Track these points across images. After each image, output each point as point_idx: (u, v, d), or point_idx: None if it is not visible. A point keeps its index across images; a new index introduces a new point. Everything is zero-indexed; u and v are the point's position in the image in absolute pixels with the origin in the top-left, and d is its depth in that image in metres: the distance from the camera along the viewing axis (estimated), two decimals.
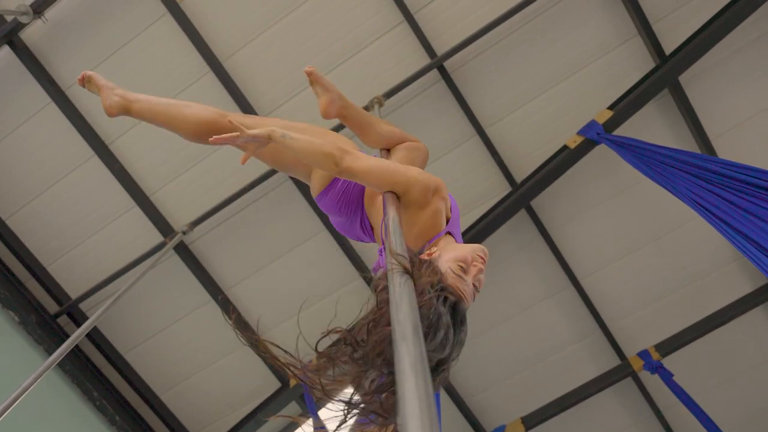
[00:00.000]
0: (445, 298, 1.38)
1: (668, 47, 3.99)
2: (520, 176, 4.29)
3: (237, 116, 2.06)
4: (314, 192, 2.02)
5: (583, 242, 4.44)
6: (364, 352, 1.28)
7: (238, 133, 1.68)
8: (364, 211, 1.93)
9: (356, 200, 1.93)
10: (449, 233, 1.67)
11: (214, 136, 1.72)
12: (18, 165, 4.33)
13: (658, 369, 4.22)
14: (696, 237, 4.34)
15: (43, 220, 4.43)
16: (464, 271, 1.49)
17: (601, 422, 4.84)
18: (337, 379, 1.33)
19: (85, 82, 2.22)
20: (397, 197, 1.62)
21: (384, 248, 1.66)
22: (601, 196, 4.34)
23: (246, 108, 4.14)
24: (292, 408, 4.80)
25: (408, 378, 0.73)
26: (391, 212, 1.50)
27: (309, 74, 2.15)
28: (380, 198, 1.78)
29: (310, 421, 1.87)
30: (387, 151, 2.20)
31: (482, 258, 1.54)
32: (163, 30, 4.08)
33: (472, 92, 4.16)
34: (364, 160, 1.64)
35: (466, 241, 4.22)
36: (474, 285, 1.50)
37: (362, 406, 1.28)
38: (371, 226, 1.92)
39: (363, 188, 1.93)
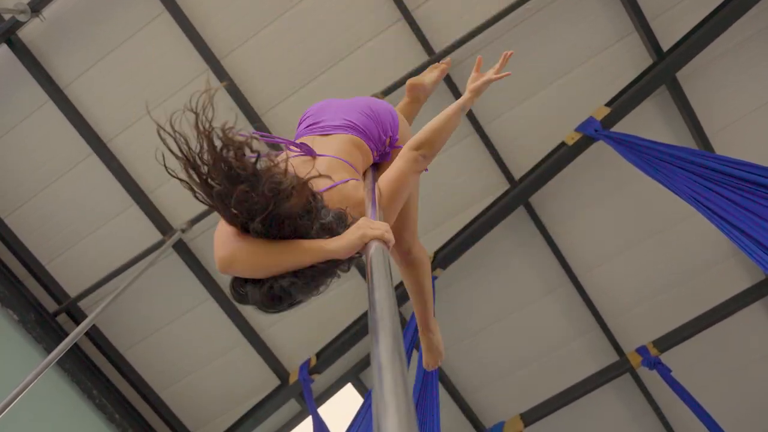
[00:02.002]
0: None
1: (666, 44, 3.99)
2: (518, 173, 4.29)
3: None
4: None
5: (581, 239, 4.45)
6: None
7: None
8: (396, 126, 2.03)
9: (361, 125, 1.87)
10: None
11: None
12: (16, 163, 4.33)
13: (656, 365, 4.24)
14: (694, 233, 4.35)
15: (41, 218, 4.43)
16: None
17: (599, 418, 4.85)
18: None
19: None
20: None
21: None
22: (599, 193, 4.35)
23: (244, 106, 4.14)
24: (292, 405, 4.81)
25: (385, 371, 0.72)
26: (370, 178, 1.61)
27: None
28: (342, 165, 1.70)
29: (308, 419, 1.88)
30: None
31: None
32: (161, 28, 4.07)
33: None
34: (417, 173, 1.69)
35: (465, 240, 4.23)
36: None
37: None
38: (386, 140, 1.97)
39: (364, 136, 1.86)
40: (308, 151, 1.65)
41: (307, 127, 1.89)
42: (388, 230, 1.32)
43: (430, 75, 2.46)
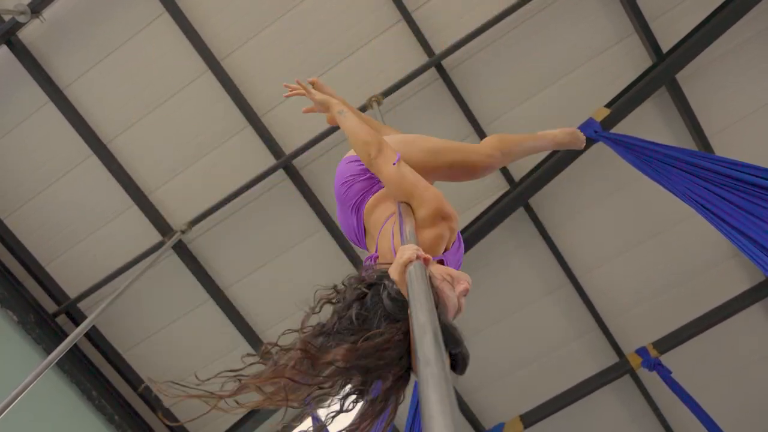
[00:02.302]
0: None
1: (665, 45, 3.99)
2: (518, 174, 4.29)
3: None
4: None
5: (581, 240, 4.45)
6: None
7: (304, 91, 2.01)
8: (360, 213, 1.91)
9: (356, 197, 1.90)
10: (442, 261, 1.66)
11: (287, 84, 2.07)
12: (16, 164, 4.33)
13: (656, 366, 4.24)
14: (694, 234, 4.35)
15: (41, 219, 4.43)
16: (450, 283, 1.47)
17: (599, 419, 4.85)
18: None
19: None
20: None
21: (373, 258, 1.72)
22: (598, 194, 4.35)
23: (243, 106, 4.14)
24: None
25: (434, 405, 0.70)
26: (408, 226, 1.53)
27: (312, 84, 2.25)
28: (383, 207, 1.79)
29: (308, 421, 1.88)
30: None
31: (468, 282, 1.50)
32: (161, 29, 4.08)
33: (470, 90, 4.17)
34: (392, 166, 1.69)
35: (465, 241, 4.22)
36: (459, 300, 1.46)
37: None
38: (364, 231, 1.91)
39: (364, 188, 1.90)
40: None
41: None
42: (403, 252, 1.31)
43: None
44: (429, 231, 1.62)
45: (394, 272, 1.31)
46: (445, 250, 1.69)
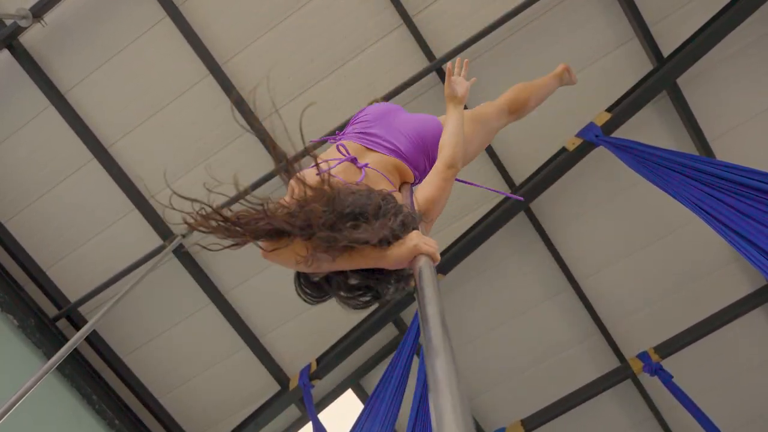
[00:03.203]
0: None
1: (666, 50, 4.00)
2: (518, 179, 4.29)
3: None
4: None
5: (582, 244, 4.44)
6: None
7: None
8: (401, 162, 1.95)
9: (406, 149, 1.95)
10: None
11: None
12: (17, 168, 4.33)
13: (657, 371, 4.23)
14: (695, 239, 4.34)
15: (42, 223, 4.43)
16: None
17: (600, 424, 4.84)
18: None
19: None
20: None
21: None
22: (599, 198, 4.34)
23: (244, 110, 4.14)
24: (292, 410, 4.80)
25: (444, 394, 0.73)
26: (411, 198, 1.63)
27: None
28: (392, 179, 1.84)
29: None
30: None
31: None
32: (162, 33, 4.08)
33: (471, 95, 4.14)
34: (450, 185, 1.78)
35: (466, 246, 4.22)
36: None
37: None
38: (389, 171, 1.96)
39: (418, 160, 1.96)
40: (352, 160, 1.74)
41: (358, 133, 1.94)
42: (436, 248, 1.35)
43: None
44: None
45: (421, 245, 1.33)
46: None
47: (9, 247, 4.43)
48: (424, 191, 1.69)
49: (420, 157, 1.97)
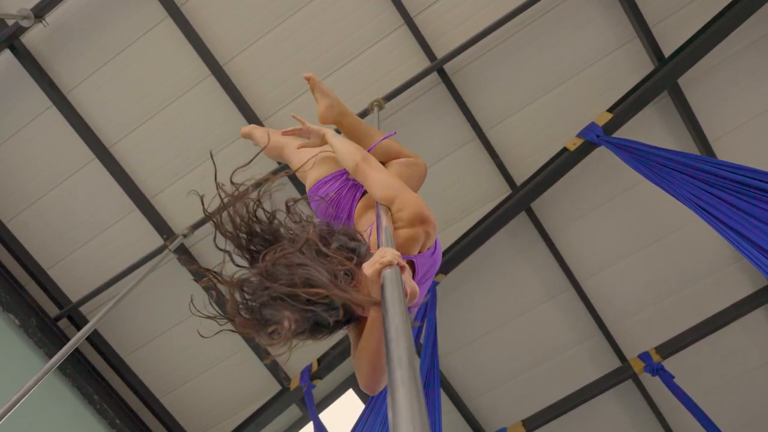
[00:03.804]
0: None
1: (667, 50, 4.00)
2: (519, 179, 4.29)
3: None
4: (315, 178, 2.11)
5: (583, 244, 4.44)
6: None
7: (301, 127, 2.15)
8: (351, 220, 1.99)
9: (346, 209, 2.01)
10: (412, 263, 1.70)
11: (283, 130, 2.22)
12: (19, 168, 4.34)
13: (658, 371, 4.22)
14: (696, 239, 4.34)
15: (43, 223, 4.43)
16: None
17: (601, 424, 4.83)
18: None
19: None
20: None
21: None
22: (600, 199, 4.34)
23: (246, 111, 4.15)
24: (293, 411, 4.80)
25: (402, 405, 0.71)
26: (384, 221, 1.60)
27: (308, 79, 2.32)
28: (368, 216, 1.88)
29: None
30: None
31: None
32: (163, 34, 4.09)
33: (472, 95, 4.17)
34: (375, 169, 1.85)
35: (467, 246, 4.22)
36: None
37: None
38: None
39: (354, 203, 2.01)
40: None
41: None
42: (383, 255, 1.31)
43: (321, 96, 2.41)
44: (405, 231, 1.67)
45: (368, 269, 1.31)
46: (419, 253, 1.73)
47: (10, 247, 4.44)
48: (374, 192, 1.79)
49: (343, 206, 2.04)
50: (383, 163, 2.21)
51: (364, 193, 1.98)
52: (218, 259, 1.62)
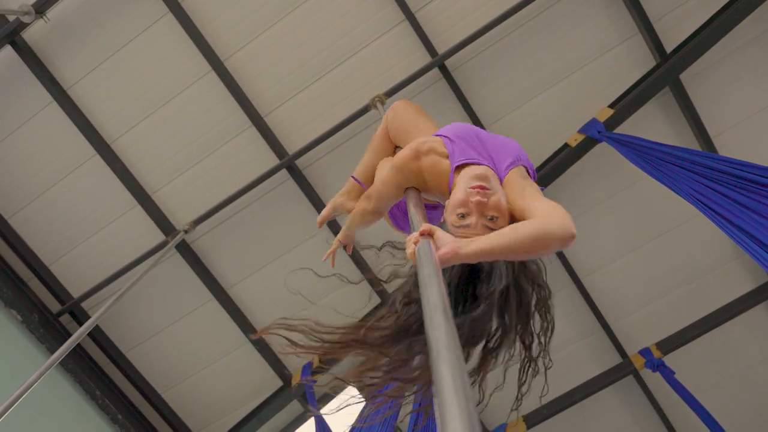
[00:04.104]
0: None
1: (669, 45, 3.99)
2: None
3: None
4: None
5: (584, 240, 4.44)
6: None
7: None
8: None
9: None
10: (459, 166, 1.65)
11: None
12: (20, 164, 4.34)
13: (659, 367, 4.22)
14: (697, 234, 4.34)
15: (45, 219, 4.44)
16: (464, 216, 1.48)
17: (602, 420, 4.84)
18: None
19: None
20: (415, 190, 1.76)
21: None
22: (602, 194, 4.34)
23: (247, 107, 4.14)
24: (294, 406, 4.81)
25: (450, 399, 0.69)
26: (412, 208, 1.64)
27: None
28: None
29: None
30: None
31: (478, 186, 1.48)
32: (164, 29, 4.08)
33: (473, 91, 4.17)
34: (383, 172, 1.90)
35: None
36: (486, 216, 1.47)
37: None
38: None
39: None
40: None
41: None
42: (413, 237, 1.31)
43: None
44: (422, 174, 1.71)
45: (407, 256, 1.32)
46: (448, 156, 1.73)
47: (12, 243, 4.44)
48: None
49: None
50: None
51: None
52: (219, 255, 1.63)
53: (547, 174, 4.12)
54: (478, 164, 1.59)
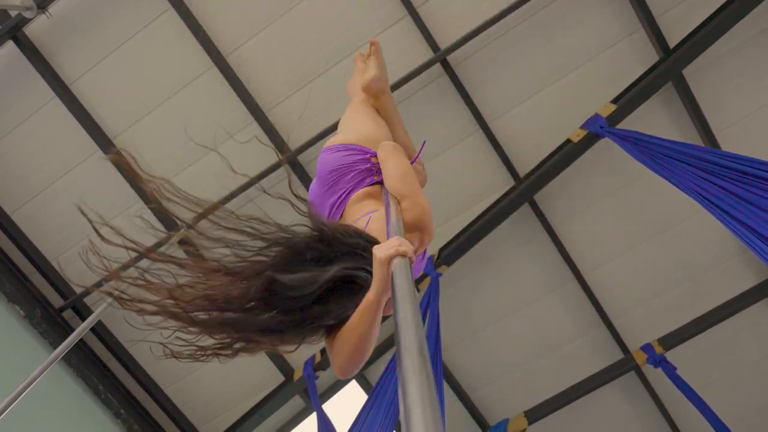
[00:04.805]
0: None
1: (672, 40, 3.97)
2: (523, 170, 4.28)
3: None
4: (334, 141, 2.08)
5: (586, 236, 4.44)
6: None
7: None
8: (346, 200, 1.95)
9: (348, 184, 1.95)
10: None
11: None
12: (22, 160, 4.35)
13: (661, 363, 4.23)
14: (700, 230, 4.33)
15: (47, 214, 4.45)
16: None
17: (604, 416, 4.84)
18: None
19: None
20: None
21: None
22: (604, 190, 4.33)
23: (250, 103, 4.14)
24: (296, 401, 4.82)
25: (414, 394, 0.70)
26: (394, 214, 1.57)
27: (373, 44, 2.41)
28: (367, 203, 1.84)
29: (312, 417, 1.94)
30: None
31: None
32: (166, 25, 4.08)
33: (476, 86, 4.16)
34: (402, 158, 1.81)
35: (470, 238, 4.22)
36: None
37: None
38: (340, 215, 1.96)
39: (355, 179, 1.95)
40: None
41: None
42: (400, 243, 1.28)
43: (370, 66, 2.46)
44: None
45: (382, 252, 1.29)
46: None
47: (15, 238, 4.45)
48: (388, 176, 1.76)
49: (344, 183, 1.98)
50: None
51: (370, 184, 1.93)
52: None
53: (549, 170, 4.11)
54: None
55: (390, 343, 4.67)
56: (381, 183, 1.90)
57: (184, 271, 1.50)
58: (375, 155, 1.93)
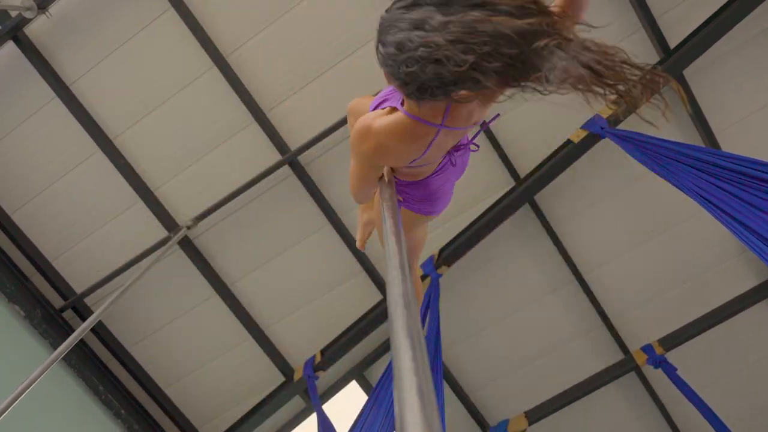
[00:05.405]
0: None
1: (673, 41, 3.97)
2: (523, 171, 4.28)
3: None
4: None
5: (586, 237, 4.44)
6: None
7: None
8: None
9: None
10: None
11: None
12: (23, 160, 4.35)
13: (661, 363, 4.23)
14: (700, 231, 4.33)
15: (48, 215, 4.45)
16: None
17: (604, 416, 4.84)
18: None
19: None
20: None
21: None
22: (605, 191, 4.33)
23: (249, 103, 4.14)
24: (296, 402, 4.82)
25: (404, 353, 0.72)
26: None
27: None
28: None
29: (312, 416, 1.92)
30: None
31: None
32: (167, 25, 4.08)
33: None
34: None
35: (470, 238, 4.22)
36: None
37: None
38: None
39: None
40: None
41: None
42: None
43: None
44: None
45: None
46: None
47: (15, 239, 4.46)
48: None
49: None
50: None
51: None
52: (221, 251, 1.60)
53: (549, 170, 4.11)
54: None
55: (389, 344, 4.67)
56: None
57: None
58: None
